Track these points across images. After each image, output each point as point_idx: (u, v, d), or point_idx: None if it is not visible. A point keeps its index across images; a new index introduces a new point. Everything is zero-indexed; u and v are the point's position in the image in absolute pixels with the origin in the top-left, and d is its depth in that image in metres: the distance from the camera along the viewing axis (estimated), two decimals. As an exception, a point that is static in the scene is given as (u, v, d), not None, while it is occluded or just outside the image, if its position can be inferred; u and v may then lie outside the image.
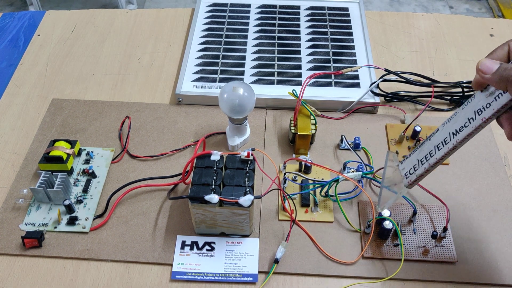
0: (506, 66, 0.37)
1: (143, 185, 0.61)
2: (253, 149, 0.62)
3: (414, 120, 0.67)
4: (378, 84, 0.70)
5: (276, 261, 0.53)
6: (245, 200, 0.50)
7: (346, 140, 0.65)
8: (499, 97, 0.37)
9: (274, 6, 0.86)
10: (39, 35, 0.84)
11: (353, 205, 0.59)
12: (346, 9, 0.86)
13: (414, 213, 0.57)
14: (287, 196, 0.58)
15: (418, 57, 0.80)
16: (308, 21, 0.83)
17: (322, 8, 0.86)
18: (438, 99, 0.72)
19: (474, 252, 0.55)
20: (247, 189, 0.51)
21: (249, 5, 0.87)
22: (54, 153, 0.60)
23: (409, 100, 0.71)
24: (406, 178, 0.43)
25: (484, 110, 0.37)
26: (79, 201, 0.59)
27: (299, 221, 0.57)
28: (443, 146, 0.40)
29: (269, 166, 0.63)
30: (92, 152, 0.64)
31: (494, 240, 0.56)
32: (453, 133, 0.40)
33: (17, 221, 0.57)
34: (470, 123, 0.38)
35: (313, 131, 0.62)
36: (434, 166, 0.42)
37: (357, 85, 0.72)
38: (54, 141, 0.62)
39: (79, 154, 0.64)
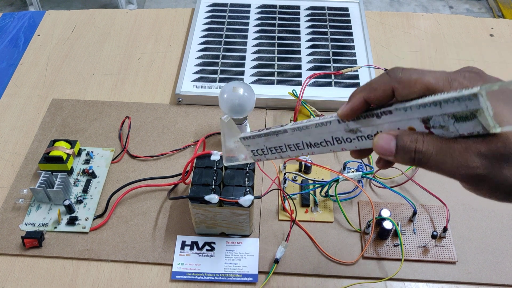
0: (402, 141, 0.30)
1: (143, 185, 0.61)
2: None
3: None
4: (378, 84, 0.70)
5: (276, 261, 0.53)
6: (245, 200, 0.50)
7: (346, 140, 0.65)
8: (362, 139, 0.34)
9: (274, 6, 0.86)
10: (39, 35, 0.84)
11: (353, 205, 0.59)
12: (346, 9, 0.86)
13: (414, 213, 0.57)
14: (287, 196, 0.58)
15: (418, 57, 0.80)
16: (308, 21, 0.84)
17: (322, 8, 0.86)
18: (438, 99, 0.72)
19: (474, 252, 0.55)
20: (247, 189, 0.51)
21: (249, 5, 0.87)
22: (54, 153, 0.60)
23: (409, 100, 0.71)
24: (255, 155, 0.40)
25: (344, 142, 0.35)
26: (79, 201, 0.59)
27: (299, 221, 0.57)
28: (296, 149, 0.38)
29: (269, 166, 0.63)
30: (92, 152, 0.64)
31: (494, 240, 0.56)
32: (307, 144, 0.37)
33: (17, 221, 0.57)
34: (327, 145, 0.36)
35: (313, 131, 0.62)
36: (287, 158, 0.39)
37: (357, 85, 0.72)
38: (54, 141, 0.62)
39: (79, 154, 0.64)
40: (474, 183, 0.30)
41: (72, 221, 0.57)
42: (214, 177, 0.52)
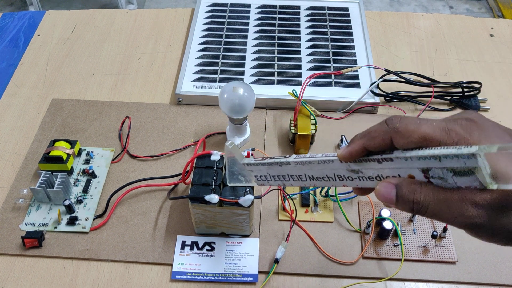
0: (401, 191, 0.31)
1: (143, 185, 0.61)
2: (253, 149, 0.62)
3: (414, 120, 0.67)
4: (378, 84, 0.70)
5: (276, 261, 0.53)
6: (245, 200, 0.50)
7: (346, 140, 0.65)
8: (363, 179, 0.35)
9: (274, 6, 0.86)
10: (39, 35, 0.84)
11: (353, 205, 0.59)
12: (346, 9, 0.86)
13: (414, 213, 0.57)
14: (287, 196, 0.58)
15: (418, 57, 0.80)
16: (308, 21, 0.83)
17: (322, 8, 0.86)
18: (438, 99, 0.72)
19: (474, 252, 0.55)
20: (247, 189, 0.51)
21: (249, 5, 0.87)
22: (54, 153, 0.60)
23: (409, 100, 0.71)
24: (258, 180, 0.41)
25: (346, 180, 0.36)
26: (79, 201, 0.59)
27: (299, 221, 0.57)
28: (299, 180, 0.39)
29: (269, 166, 0.63)
30: (92, 152, 0.64)
31: (494, 240, 0.56)
32: (309, 177, 0.38)
33: (17, 221, 0.57)
34: (329, 180, 0.37)
35: (313, 131, 0.62)
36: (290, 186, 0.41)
37: (357, 85, 0.72)
38: (54, 141, 0.62)
39: (79, 154, 0.64)
40: (473, 231, 0.31)
41: (72, 221, 0.57)
42: (214, 177, 0.52)
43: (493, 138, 0.30)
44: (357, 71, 0.73)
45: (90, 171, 0.61)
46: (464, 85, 0.71)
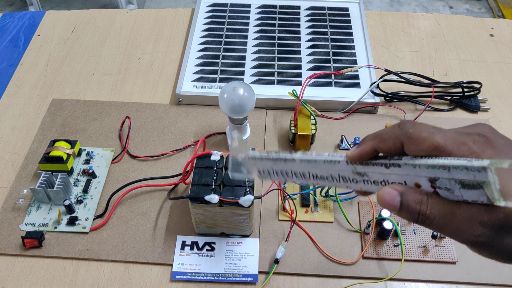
0: (407, 200, 0.31)
1: (143, 185, 0.61)
2: (253, 149, 0.62)
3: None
4: (378, 84, 0.70)
5: (276, 261, 0.53)
6: (245, 200, 0.50)
7: (346, 140, 0.65)
8: (368, 183, 0.34)
9: (274, 6, 0.86)
10: (39, 35, 0.84)
11: (353, 205, 0.59)
12: (346, 9, 0.86)
13: (414, 213, 0.57)
14: (287, 196, 0.58)
15: (418, 57, 0.80)
16: (308, 21, 0.83)
17: (322, 8, 0.86)
18: (438, 99, 0.72)
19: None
20: (247, 189, 0.51)
21: (249, 5, 0.87)
22: (54, 153, 0.60)
23: (409, 100, 0.71)
24: (260, 174, 0.41)
25: (350, 182, 0.35)
26: (79, 201, 0.59)
27: (299, 221, 0.57)
28: (302, 178, 0.38)
29: (269, 166, 0.63)
30: (92, 152, 0.64)
31: (494, 240, 0.56)
32: (313, 175, 0.37)
33: (17, 221, 0.57)
34: (333, 181, 0.36)
35: (313, 131, 0.62)
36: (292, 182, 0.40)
37: (357, 85, 0.72)
38: (54, 141, 0.62)
39: (79, 154, 0.64)
40: (475, 248, 0.31)
41: (72, 221, 0.57)
42: (214, 177, 0.52)
43: (505, 157, 0.29)
44: (357, 71, 0.73)
45: (90, 171, 0.61)
46: (464, 85, 0.71)
